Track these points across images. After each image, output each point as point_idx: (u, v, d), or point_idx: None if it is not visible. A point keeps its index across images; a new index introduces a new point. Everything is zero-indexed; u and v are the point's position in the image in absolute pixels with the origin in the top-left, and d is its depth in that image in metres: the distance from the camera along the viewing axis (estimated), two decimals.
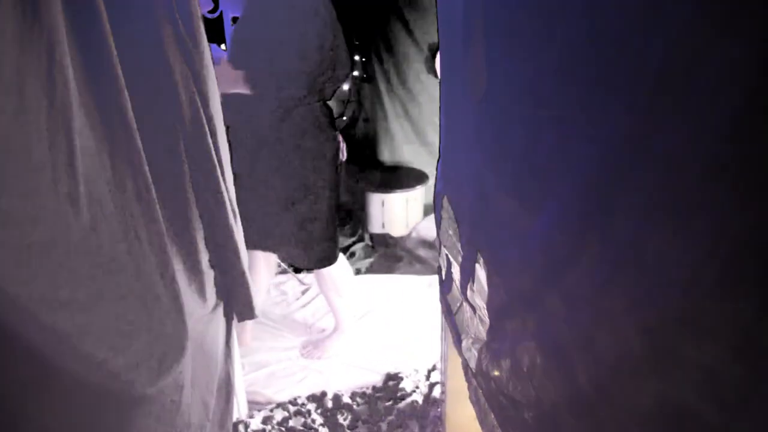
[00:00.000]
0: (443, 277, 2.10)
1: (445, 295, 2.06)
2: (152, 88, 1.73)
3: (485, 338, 1.57)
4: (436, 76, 4.84)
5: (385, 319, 3.49)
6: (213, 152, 1.95)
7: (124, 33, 1.57)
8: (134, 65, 1.61)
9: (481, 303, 1.57)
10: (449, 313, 1.99)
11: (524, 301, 1.25)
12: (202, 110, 1.87)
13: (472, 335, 1.70)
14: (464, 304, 1.78)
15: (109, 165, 1.55)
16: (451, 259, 1.94)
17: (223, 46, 3.49)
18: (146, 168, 1.64)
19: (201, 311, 2.09)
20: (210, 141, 1.93)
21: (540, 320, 1.20)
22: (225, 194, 2.06)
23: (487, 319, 1.55)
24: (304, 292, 3.82)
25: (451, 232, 1.92)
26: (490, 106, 1.38)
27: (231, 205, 2.12)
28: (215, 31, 3.36)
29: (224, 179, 2.07)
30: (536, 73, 1.12)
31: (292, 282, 3.95)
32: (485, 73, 1.37)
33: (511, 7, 1.20)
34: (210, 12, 3.18)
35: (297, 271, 4.13)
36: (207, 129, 1.89)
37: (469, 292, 1.69)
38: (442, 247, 2.07)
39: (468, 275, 1.69)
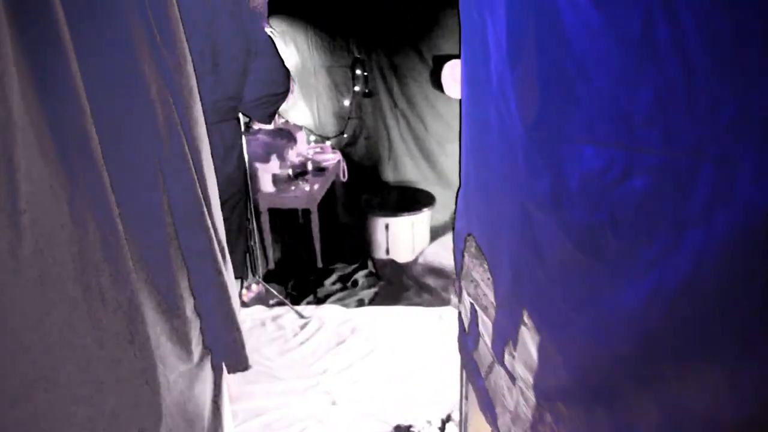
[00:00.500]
0: (466, 329, 1.79)
1: (470, 352, 1.75)
2: (123, 109, 1.43)
3: (530, 419, 1.27)
4: (442, 90, 4.56)
5: (393, 357, 3.18)
6: (196, 183, 1.65)
7: (87, 40, 1.28)
8: (100, 79, 1.31)
9: (525, 375, 1.27)
10: (476, 374, 1.68)
11: (601, 392, 0.95)
12: (183, 134, 1.57)
13: (511, 409, 1.39)
14: (498, 368, 1.48)
15: (65, 199, 1.24)
16: (478, 310, 1.64)
17: None
18: (113, 204, 1.33)
19: (184, 366, 1.78)
20: (193, 169, 1.63)
21: (626, 421, 0.90)
22: (211, 231, 1.76)
23: (533, 398, 1.24)
24: (303, 327, 3.51)
25: (477, 277, 1.61)
26: (546, 130, 1.08)
27: (219, 242, 1.82)
28: None
29: (211, 213, 1.77)
30: (627, 98, 0.83)
31: (290, 315, 3.64)
32: (538, 92, 1.08)
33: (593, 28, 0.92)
34: None
35: (295, 302, 3.83)
36: (190, 156, 1.60)
37: (506, 357, 1.38)
38: (464, 293, 1.76)
39: (505, 336, 1.39)
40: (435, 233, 4.62)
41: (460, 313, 1.88)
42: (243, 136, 3.31)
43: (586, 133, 0.97)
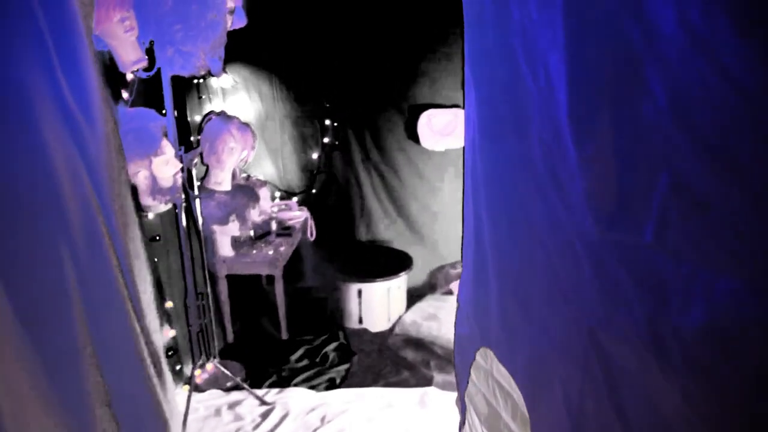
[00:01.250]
0: None
1: None
2: (21, 194, 1.01)
3: None
4: (418, 142, 4.22)
5: None
6: (119, 280, 1.22)
7: None
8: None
9: None
10: None
11: None
12: (102, 221, 1.15)
13: None
14: None
15: None
16: None
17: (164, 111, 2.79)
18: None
19: None
20: (114, 265, 1.21)
21: None
22: (139, 337, 1.33)
23: None
24: (265, 415, 3.02)
25: (499, 407, 1.20)
26: (634, 232, 0.70)
27: (152, 354, 1.38)
28: (153, 95, 2.67)
29: (138, 315, 1.34)
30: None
31: (250, 401, 3.15)
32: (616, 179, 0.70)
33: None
34: (145, 70, 2.49)
35: (256, 383, 3.34)
36: (111, 252, 1.17)
37: None
38: (473, 414, 1.34)
39: None
40: (412, 297, 4.20)
41: None
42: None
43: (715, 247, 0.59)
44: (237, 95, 4.24)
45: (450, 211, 4.42)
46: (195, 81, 3.76)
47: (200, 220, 3.14)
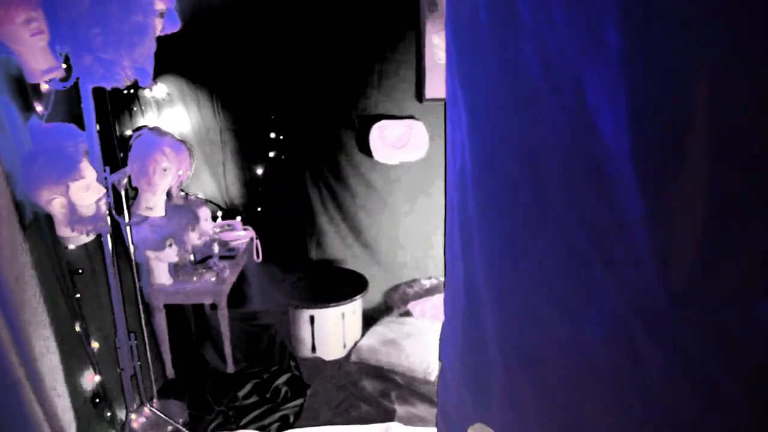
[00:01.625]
0: None
1: None
2: None
3: None
4: (370, 155, 3.97)
5: None
6: None
7: None
8: None
9: None
10: None
11: None
12: None
13: None
14: None
15: None
16: None
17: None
18: None
19: None
20: None
21: None
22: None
23: None
24: None
25: None
26: None
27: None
28: (72, 112, 2.33)
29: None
30: None
31: None
32: None
33: None
34: (61, 80, 2.16)
35: (199, 425, 3.01)
36: None
37: None
38: None
39: None
40: (368, 320, 3.93)
41: None
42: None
43: None
44: (174, 107, 3.90)
45: (405, 227, 4.19)
46: (125, 92, 3.41)
47: (132, 249, 2.80)
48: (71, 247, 2.34)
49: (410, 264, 4.27)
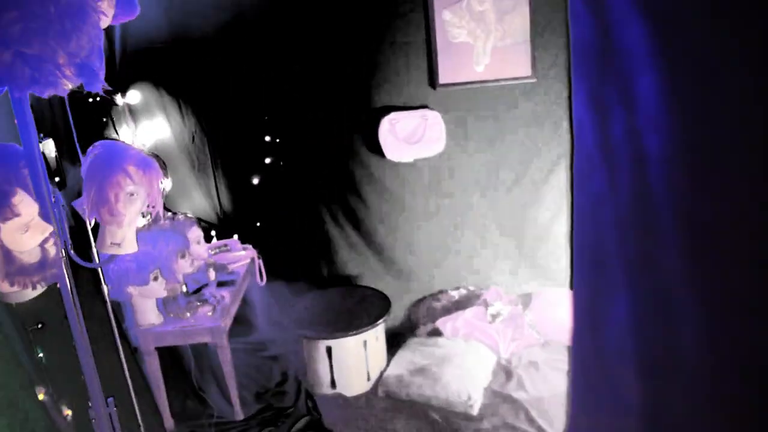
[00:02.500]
0: None
1: None
2: None
3: None
4: (381, 153, 3.45)
5: None
6: None
7: None
8: None
9: None
10: None
11: None
12: None
13: None
14: None
15: None
16: None
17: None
18: None
19: None
20: None
21: None
22: None
23: None
24: None
25: None
26: None
27: None
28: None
29: None
30: None
31: None
32: None
33: None
34: None
35: None
36: None
37: None
38: None
39: None
40: (390, 340, 3.41)
41: None
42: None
43: None
44: (151, 113, 3.39)
45: (425, 232, 3.67)
46: (90, 100, 2.90)
47: (105, 288, 2.30)
48: (14, 304, 1.84)
49: (435, 274, 3.76)
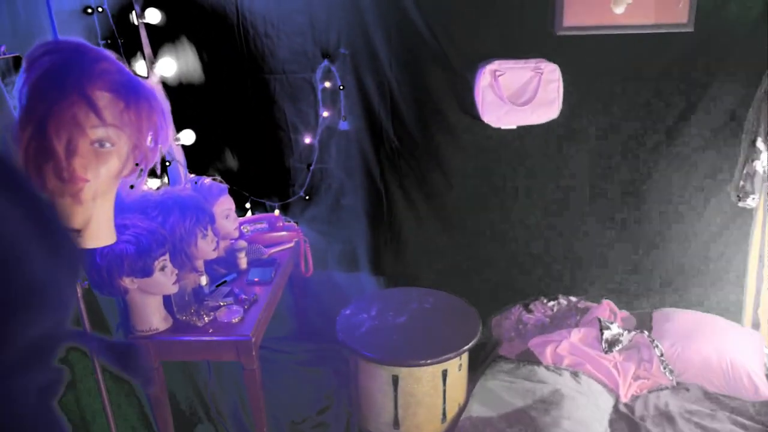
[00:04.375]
0: None
1: None
2: None
3: None
4: (475, 115, 2.57)
5: None
6: None
7: None
8: None
9: None
10: None
11: None
12: None
13: None
14: None
15: None
16: None
17: None
18: None
19: None
20: None
21: None
22: None
23: None
24: None
25: None
26: None
27: None
28: None
29: None
30: None
31: None
32: None
33: None
34: None
35: None
36: None
37: None
38: None
39: None
40: (474, 362, 2.57)
41: None
42: None
43: None
44: (170, 38, 2.55)
45: (519, 217, 2.80)
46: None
47: (80, 281, 1.49)
48: None
49: (531, 273, 2.90)
